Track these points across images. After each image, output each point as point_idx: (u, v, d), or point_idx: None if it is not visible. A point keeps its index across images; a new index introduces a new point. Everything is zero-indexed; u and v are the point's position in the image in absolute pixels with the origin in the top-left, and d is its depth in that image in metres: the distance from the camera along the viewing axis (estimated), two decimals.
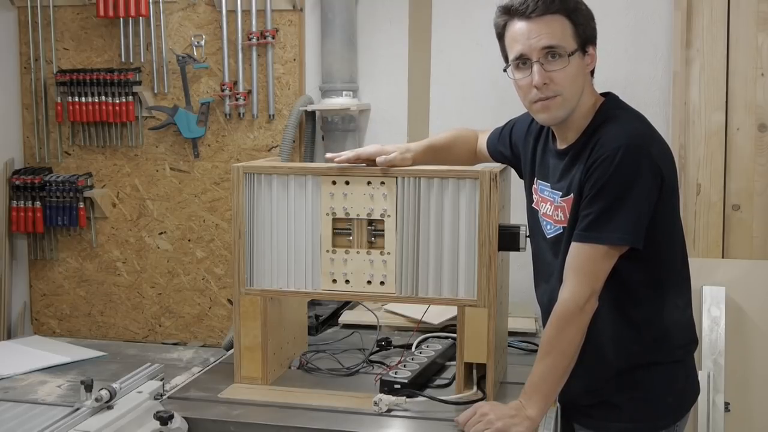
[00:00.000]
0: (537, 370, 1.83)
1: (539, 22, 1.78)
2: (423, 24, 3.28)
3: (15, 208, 3.58)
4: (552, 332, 1.82)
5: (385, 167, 2.01)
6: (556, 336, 1.81)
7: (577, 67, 1.81)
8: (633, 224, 1.76)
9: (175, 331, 3.60)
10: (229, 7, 3.37)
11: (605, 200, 1.75)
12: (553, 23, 1.79)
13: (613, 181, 1.75)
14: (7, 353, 2.48)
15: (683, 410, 1.96)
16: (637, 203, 1.76)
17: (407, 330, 2.57)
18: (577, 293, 1.79)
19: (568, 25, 1.80)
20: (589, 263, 1.78)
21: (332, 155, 2.06)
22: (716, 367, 2.76)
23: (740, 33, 2.96)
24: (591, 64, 1.86)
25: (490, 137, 2.17)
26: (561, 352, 1.81)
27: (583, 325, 1.80)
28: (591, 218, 1.77)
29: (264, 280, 2.11)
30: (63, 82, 3.53)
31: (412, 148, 2.08)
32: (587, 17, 1.84)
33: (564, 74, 1.79)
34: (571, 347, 1.81)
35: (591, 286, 1.79)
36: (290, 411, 1.96)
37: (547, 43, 1.78)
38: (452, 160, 2.14)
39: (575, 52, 1.80)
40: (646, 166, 1.76)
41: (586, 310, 1.79)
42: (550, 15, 1.78)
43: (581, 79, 1.83)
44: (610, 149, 1.76)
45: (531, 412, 1.80)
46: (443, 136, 2.21)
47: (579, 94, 1.83)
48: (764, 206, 2.97)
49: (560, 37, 1.79)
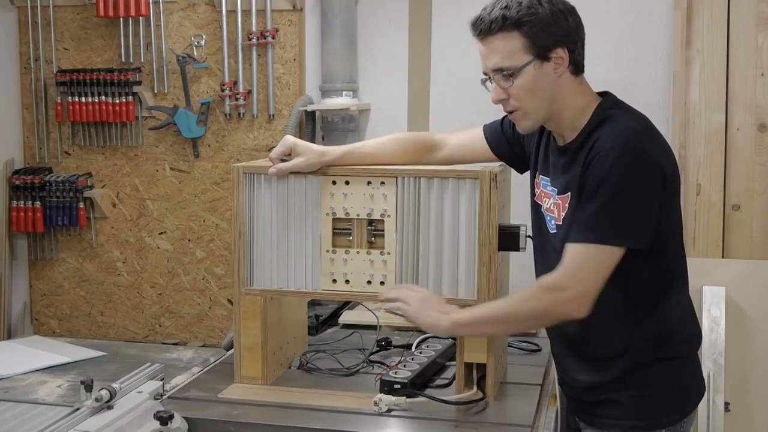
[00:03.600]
0: (492, 302, 1.89)
1: (488, 43, 1.81)
2: (423, 24, 3.28)
3: (15, 208, 3.58)
4: (524, 293, 1.81)
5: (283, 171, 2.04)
6: (524, 300, 1.80)
7: (533, 78, 1.79)
8: (632, 225, 1.75)
9: (175, 331, 3.60)
10: (229, 7, 3.37)
11: (601, 200, 1.74)
12: (499, 43, 1.79)
13: (609, 182, 1.74)
14: (7, 353, 2.48)
15: (689, 407, 1.96)
16: (636, 204, 1.75)
17: (407, 330, 2.56)
18: (565, 281, 1.75)
19: (517, 39, 1.78)
20: (584, 264, 1.76)
21: (273, 170, 2.06)
22: (716, 367, 2.76)
23: (740, 33, 2.96)
24: (561, 66, 1.81)
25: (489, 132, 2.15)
26: (516, 313, 1.81)
27: (550, 312, 1.78)
28: (587, 218, 1.76)
29: (264, 280, 2.11)
30: (63, 82, 3.53)
31: (329, 152, 2.07)
32: (543, 24, 1.79)
33: (516, 90, 1.80)
34: (523, 320, 1.82)
35: (582, 287, 1.75)
36: (290, 411, 1.96)
37: (493, 65, 1.81)
38: (389, 161, 2.12)
39: (529, 64, 1.79)
40: (643, 167, 1.75)
41: (561, 300, 1.75)
42: (497, 34, 1.79)
43: (544, 86, 1.81)
44: (606, 149, 1.75)
45: (456, 315, 1.84)
46: (375, 140, 2.19)
47: (543, 102, 1.82)
48: (764, 206, 2.97)
49: (506, 56, 1.79)
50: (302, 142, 2.08)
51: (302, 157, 2.04)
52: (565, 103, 1.84)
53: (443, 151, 2.16)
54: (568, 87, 1.84)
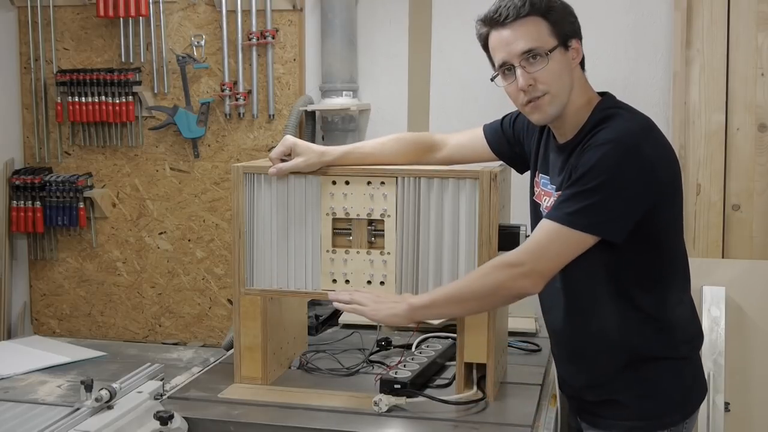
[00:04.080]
0: (450, 284, 1.91)
1: (515, 27, 1.82)
2: (423, 24, 3.28)
3: (15, 208, 3.59)
4: (479, 271, 1.85)
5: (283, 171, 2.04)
6: (478, 277, 1.83)
7: (559, 63, 1.82)
8: (606, 216, 1.75)
9: (175, 331, 3.60)
10: (229, 7, 3.37)
11: (582, 186, 1.75)
12: (527, 26, 1.81)
13: (595, 171, 1.74)
14: (7, 353, 2.48)
15: (691, 408, 1.96)
16: (616, 196, 1.74)
17: (407, 330, 2.56)
18: (518, 258, 1.79)
19: (543, 24, 1.82)
20: (546, 241, 1.77)
21: (273, 170, 2.06)
22: (716, 367, 2.76)
23: (740, 33, 2.96)
24: (577, 57, 1.87)
25: (489, 132, 2.15)
26: (470, 291, 1.83)
27: (502, 288, 1.80)
28: (563, 200, 1.77)
29: (264, 280, 2.11)
30: (63, 82, 3.53)
31: (329, 152, 2.07)
32: (563, 13, 1.86)
33: (547, 72, 1.81)
34: (478, 297, 1.83)
35: (537, 262, 1.77)
36: (290, 411, 1.96)
37: (525, 46, 1.81)
38: (388, 161, 2.12)
39: (555, 49, 1.82)
40: (633, 163, 1.75)
41: (513, 275, 1.77)
42: (523, 19, 1.81)
43: (567, 73, 1.84)
44: (602, 140, 1.77)
45: (414, 300, 1.87)
46: (375, 140, 2.19)
47: (568, 88, 1.84)
48: (764, 206, 2.97)
49: (536, 38, 1.81)
50: (302, 142, 2.08)
51: (302, 157, 2.04)
52: (575, 96, 1.86)
53: (443, 152, 2.16)
54: (578, 80, 1.88)
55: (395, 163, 2.09)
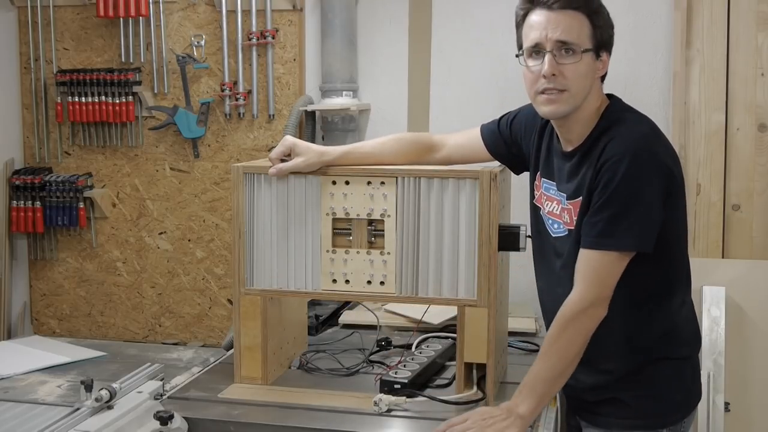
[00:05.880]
0: (534, 368, 1.84)
1: (559, 14, 1.80)
2: (423, 24, 3.28)
3: (15, 208, 3.58)
4: (554, 332, 1.83)
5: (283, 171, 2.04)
6: (557, 336, 1.81)
7: (587, 66, 1.82)
8: (642, 230, 1.78)
9: (175, 331, 3.60)
10: (229, 7, 3.37)
11: (615, 206, 1.77)
12: (572, 19, 1.80)
13: (622, 187, 1.76)
14: (7, 353, 2.48)
15: (689, 408, 1.97)
16: (647, 209, 1.77)
17: (407, 330, 2.57)
18: (585, 297, 1.80)
19: (587, 24, 1.81)
20: (599, 269, 1.79)
21: (273, 171, 2.06)
22: (716, 367, 2.76)
23: (740, 33, 2.96)
24: (602, 69, 1.87)
25: (486, 132, 2.15)
26: (560, 353, 1.81)
27: (585, 329, 1.80)
28: (601, 225, 1.78)
29: (264, 280, 2.11)
30: (63, 82, 3.53)
31: (329, 152, 2.07)
32: (607, 23, 1.85)
33: (574, 69, 1.80)
34: (571, 349, 1.81)
35: (599, 292, 1.79)
36: (290, 411, 1.96)
37: (563, 37, 1.79)
38: (388, 161, 2.12)
39: (589, 51, 1.81)
40: (655, 171, 1.77)
41: (589, 314, 1.80)
42: (571, 10, 1.80)
43: (590, 79, 1.83)
44: (618, 154, 1.77)
45: (523, 410, 1.80)
46: (374, 140, 2.19)
47: (585, 93, 1.83)
48: (764, 206, 2.97)
49: (577, 34, 1.79)
50: (302, 142, 2.08)
51: (302, 157, 2.04)
52: (589, 103, 1.86)
53: (442, 152, 2.16)
54: (596, 90, 1.87)
55: (395, 163, 2.09)
